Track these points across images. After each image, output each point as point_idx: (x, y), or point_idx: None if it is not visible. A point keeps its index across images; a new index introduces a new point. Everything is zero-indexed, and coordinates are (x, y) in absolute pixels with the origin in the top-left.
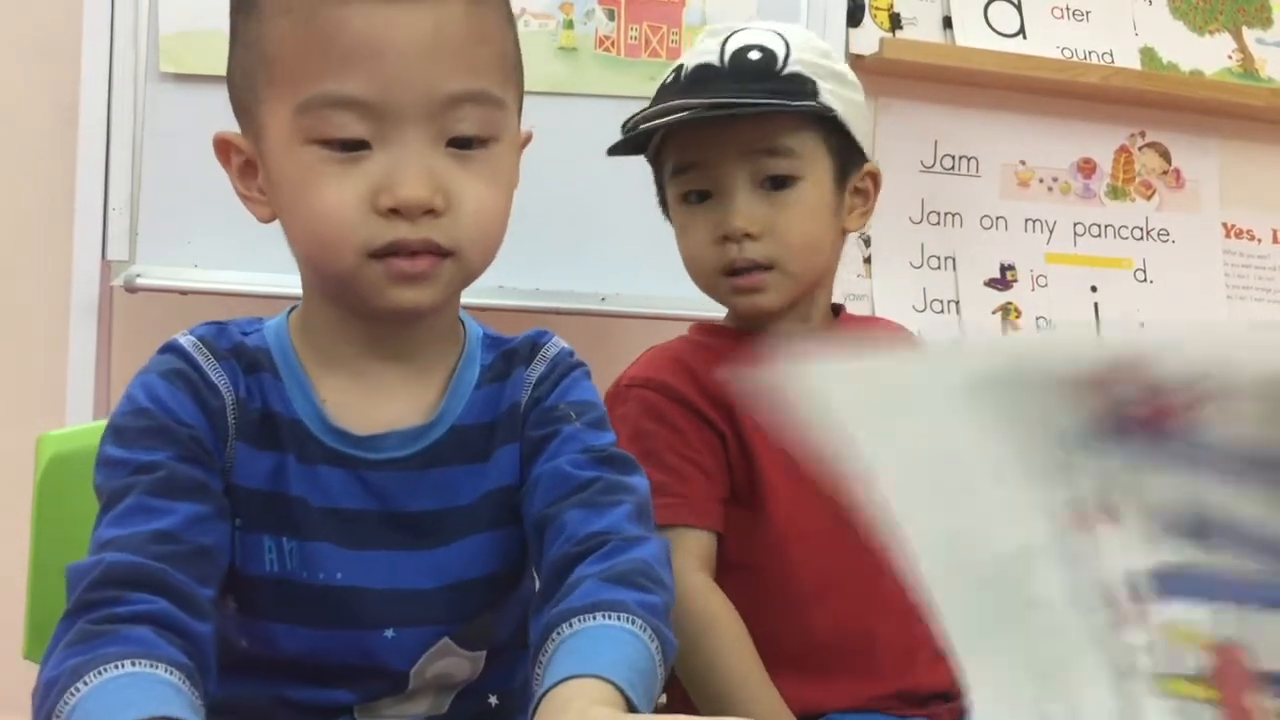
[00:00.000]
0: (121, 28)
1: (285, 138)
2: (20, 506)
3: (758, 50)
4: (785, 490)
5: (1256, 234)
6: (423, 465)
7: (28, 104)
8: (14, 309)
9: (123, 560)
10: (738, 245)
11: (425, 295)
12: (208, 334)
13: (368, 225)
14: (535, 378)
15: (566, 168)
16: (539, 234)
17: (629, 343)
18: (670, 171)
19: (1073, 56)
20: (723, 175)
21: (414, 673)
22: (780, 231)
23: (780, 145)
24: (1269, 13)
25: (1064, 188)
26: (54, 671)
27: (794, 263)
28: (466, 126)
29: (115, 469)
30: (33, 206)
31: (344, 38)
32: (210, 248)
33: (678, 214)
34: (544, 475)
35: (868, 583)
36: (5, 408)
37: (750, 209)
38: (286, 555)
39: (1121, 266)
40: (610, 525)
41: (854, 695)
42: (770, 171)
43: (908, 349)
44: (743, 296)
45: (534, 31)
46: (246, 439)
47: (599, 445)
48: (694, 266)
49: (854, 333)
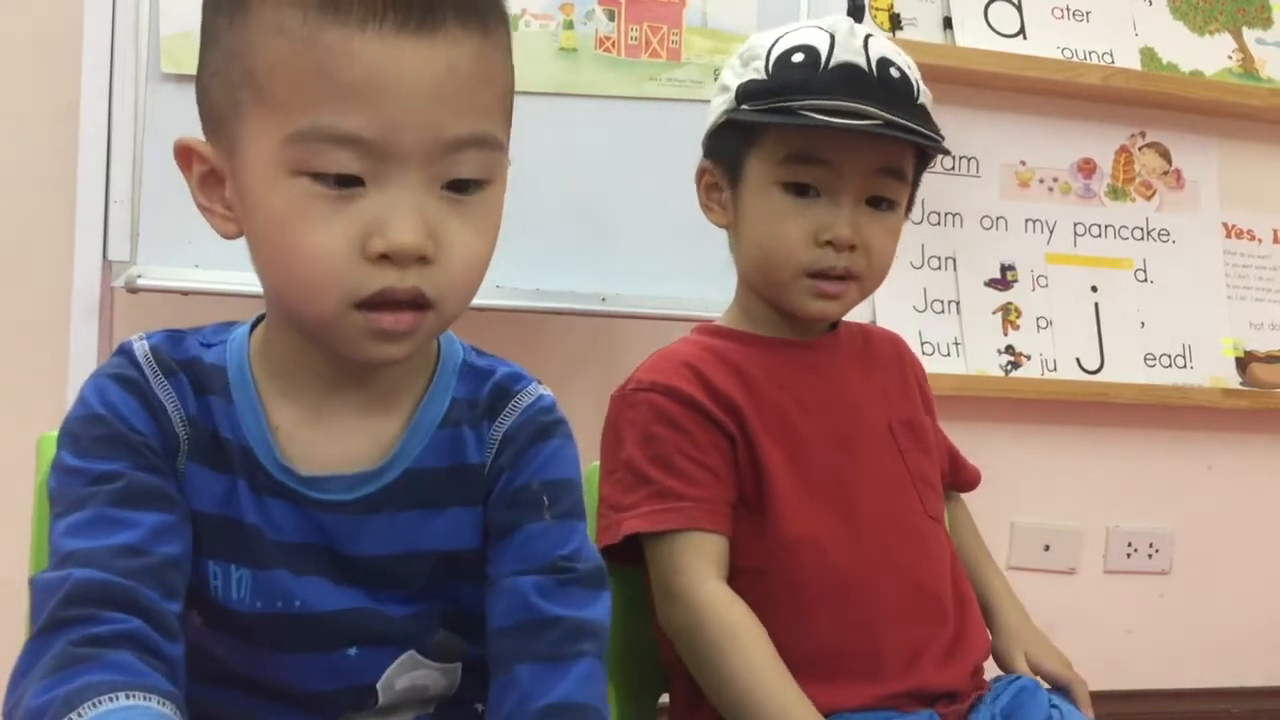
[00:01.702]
0: (122, 28)
1: (269, 165)
2: (21, 507)
3: (897, 70)
4: (791, 494)
5: (1257, 234)
6: (368, 510)
7: (28, 104)
8: (15, 309)
9: (91, 577)
10: (836, 253)
11: (401, 350)
12: (162, 345)
13: (354, 272)
14: (501, 435)
15: (566, 168)
16: (539, 234)
17: (629, 343)
18: (780, 155)
19: (1073, 57)
20: (844, 181)
21: (381, 686)
22: (874, 250)
23: (902, 170)
24: (1269, 13)
25: (1064, 188)
26: (42, 698)
27: (873, 282)
28: (466, 170)
29: (72, 477)
30: (33, 207)
31: (349, 70)
32: (211, 248)
33: (769, 198)
34: (506, 590)
35: (873, 585)
36: (6, 408)
37: (859, 222)
38: (234, 584)
39: (1122, 266)
40: (564, 695)
41: (862, 696)
42: (883, 192)
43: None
44: (820, 301)
45: (534, 31)
46: (198, 459)
47: (567, 557)
48: (777, 258)
49: (854, 341)
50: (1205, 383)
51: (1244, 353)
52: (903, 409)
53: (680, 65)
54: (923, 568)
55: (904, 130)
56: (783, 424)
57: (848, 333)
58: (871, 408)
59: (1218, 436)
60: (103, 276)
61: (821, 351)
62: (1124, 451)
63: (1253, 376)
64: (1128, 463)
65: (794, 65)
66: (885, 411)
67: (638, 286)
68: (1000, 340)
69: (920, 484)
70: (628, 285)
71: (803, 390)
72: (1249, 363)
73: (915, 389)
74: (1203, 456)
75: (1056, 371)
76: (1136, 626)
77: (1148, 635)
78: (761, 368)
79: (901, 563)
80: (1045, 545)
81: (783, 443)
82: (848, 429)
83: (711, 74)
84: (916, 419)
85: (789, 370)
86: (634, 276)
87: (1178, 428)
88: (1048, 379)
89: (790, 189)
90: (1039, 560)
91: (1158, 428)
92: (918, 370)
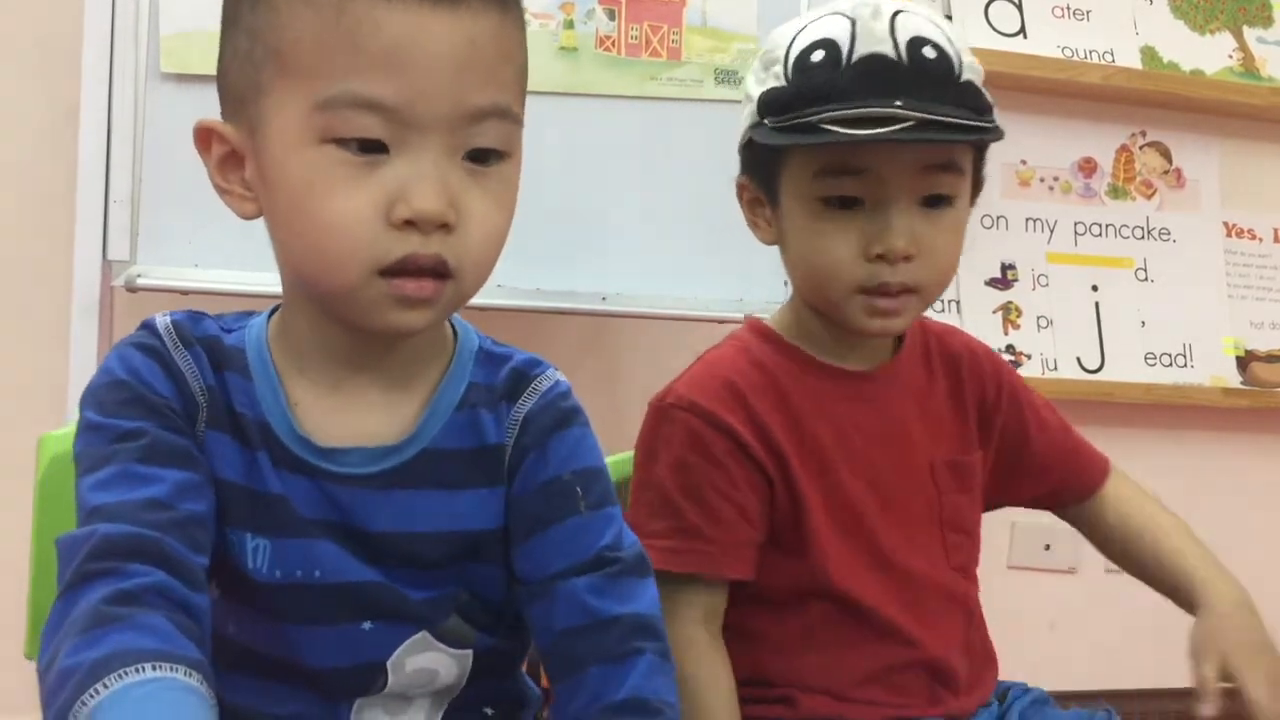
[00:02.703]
0: (122, 28)
1: (295, 134)
2: (21, 507)
3: (932, 48)
4: (828, 539)
5: (1257, 233)
6: (386, 485)
7: (28, 104)
8: (15, 309)
9: (118, 530)
10: (891, 266)
11: (423, 319)
12: (183, 320)
13: (380, 240)
14: (521, 417)
15: (567, 167)
16: (539, 234)
17: (629, 343)
18: (814, 169)
19: (1073, 56)
20: (888, 187)
21: (392, 664)
22: (935, 254)
23: (954, 162)
24: (1269, 11)
25: (1065, 187)
26: (71, 659)
27: (936, 288)
28: (486, 140)
29: (96, 434)
30: (33, 206)
31: (377, 39)
32: (211, 247)
33: (810, 217)
34: (560, 594)
35: (912, 620)
36: (6, 408)
37: (912, 227)
38: (250, 552)
39: (1122, 266)
40: (633, 690)
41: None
42: (938, 190)
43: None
44: (879, 319)
45: (534, 31)
46: (217, 427)
47: (610, 547)
48: (827, 279)
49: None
50: (1206, 382)
51: (1244, 352)
52: (951, 448)
53: (680, 64)
54: (927, 639)
55: (939, 128)
56: (821, 461)
57: (913, 353)
58: (918, 447)
59: (1218, 436)
60: (102, 276)
61: (880, 384)
62: (1124, 451)
63: (1253, 376)
64: (1128, 462)
65: (814, 66)
66: (931, 450)
67: (638, 286)
68: (1001, 339)
69: (951, 530)
70: (628, 285)
71: (848, 424)
72: (1249, 362)
73: (972, 415)
74: (1203, 456)
75: (1057, 371)
76: (1136, 626)
77: (1148, 635)
78: (809, 395)
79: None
80: (1046, 545)
81: (819, 481)
82: (886, 467)
83: (712, 73)
84: (964, 459)
85: (837, 401)
86: (634, 276)
87: (1178, 427)
88: (1048, 378)
89: (831, 203)
90: (1039, 560)
91: (1158, 427)
92: (997, 381)
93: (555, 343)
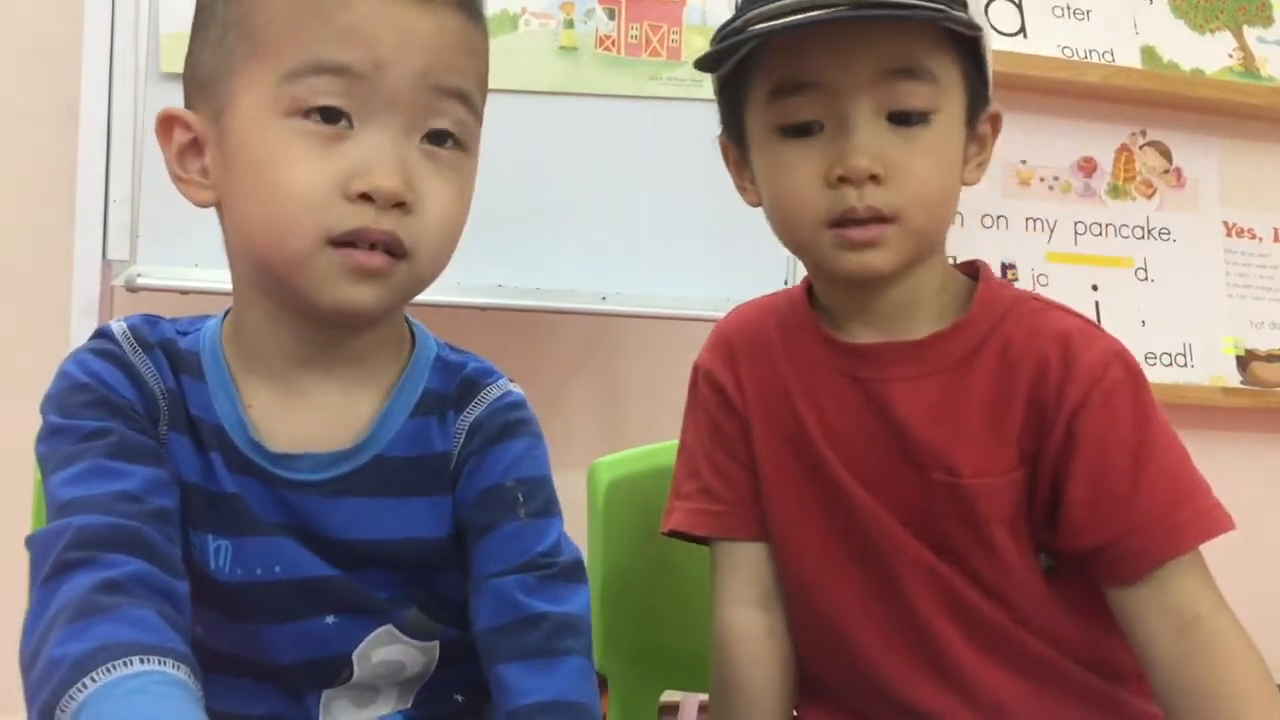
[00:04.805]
0: (121, 28)
1: (261, 109)
2: (21, 507)
3: None
4: (781, 502)
5: (1257, 232)
6: (337, 493)
7: (28, 104)
8: (14, 309)
9: (95, 521)
10: (857, 190)
11: (373, 295)
12: (140, 324)
13: (332, 209)
14: (468, 426)
15: (567, 167)
16: (539, 234)
17: (629, 343)
18: (765, 95)
19: (1073, 55)
20: (843, 101)
21: (357, 656)
22: (910, 177)
23: (922, 67)
24: (1269, 11)
25: (1065, 187)
26: (60, 649)
27: (920, 216)
28: (446, 122)
29: (61, 435)
30: (33, 206)
31: (346, 17)
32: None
33: (770, 149)
34: (490, 590)
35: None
36: (5, 408)
37: (877, 145)
38: (212, 553)
39: (1122, 265)
40: (559, 693)
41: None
42: (904, 101)
43: None
44: (853, 253)
45: (534, 31)
46: (178, 430)
47: (546, 553)
48: (791, 214)
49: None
50: (1206, 381)
51: (1244, 351)
52: (965, 461)
53: (680, 64)
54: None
55: (874, 6)
56: (793, 434)
57: (961, 336)
58: (917, 447)
59: (1218, 435)
60: (102, 275)
61: (885, 362)
62: None
63: (1253, 375)
64: None
65: None
66: (931, 457)
67: (638, 286)
68: None
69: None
70: (628, 285)
71: (829, 400)
72: (1249, 361)
73: (1016, 430)
74: (1202, 455)
75: None
76: None
77: None
78: (795, 359)
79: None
80: None
81: (789, 451)
82: (871, 457)
83: None
84: (975, 482)
85: (831, 374)
86: (634, 276)
87: (1178, 426)
88: None
89: (789, 132)
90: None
91: None
92: (1079, 401)
93: (555, 343)
